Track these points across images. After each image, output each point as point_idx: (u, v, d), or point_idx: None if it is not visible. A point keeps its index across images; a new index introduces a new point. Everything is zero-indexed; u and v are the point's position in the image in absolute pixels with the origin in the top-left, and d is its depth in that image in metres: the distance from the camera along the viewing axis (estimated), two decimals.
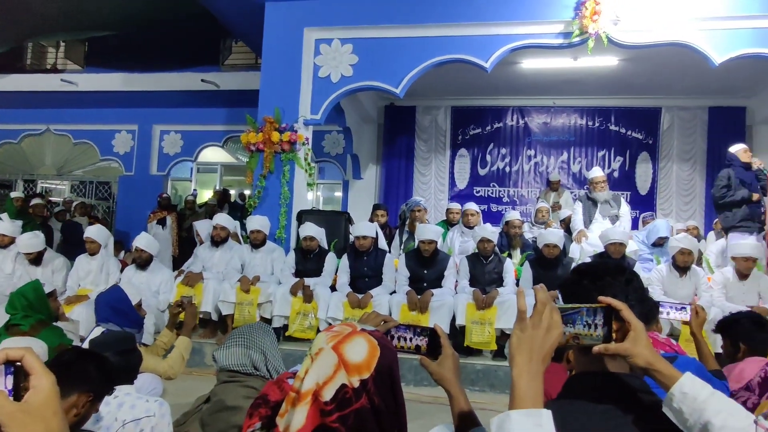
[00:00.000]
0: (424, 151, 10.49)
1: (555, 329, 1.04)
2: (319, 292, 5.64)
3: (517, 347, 1.04)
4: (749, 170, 6.24)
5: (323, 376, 1.09)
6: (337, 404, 1.07)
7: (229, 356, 2.13)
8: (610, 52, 7.06)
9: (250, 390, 2.11)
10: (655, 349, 1.16)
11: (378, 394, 1.10)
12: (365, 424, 1.09)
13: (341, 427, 1.07)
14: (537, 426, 0.94)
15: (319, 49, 6.67)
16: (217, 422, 2.09)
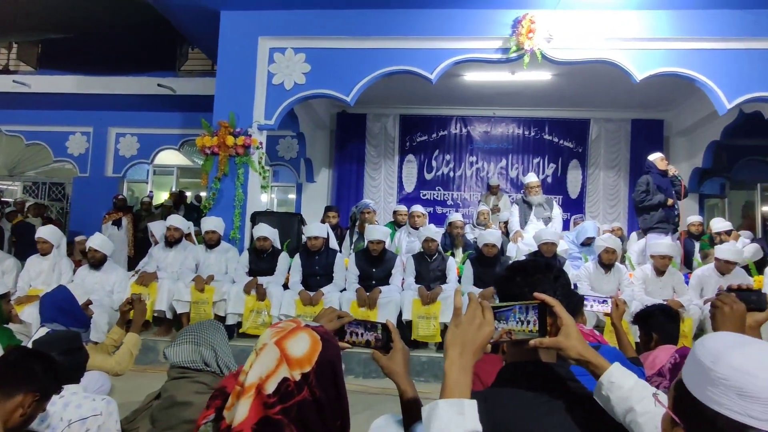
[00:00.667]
0: (374, 156, 10.49)
1: (486, 326, 1.08)
2: (272, 291, 5.54)
3: (450, 341, 1.07)
4: (665, 177, 6.50)
5: (266, 370, 1.07)
6: (279, 397, 1.06)
7: (180, 353, 2.05)
8: (544, 68, 7.22)
9: (201, 385, 2.04)
10: (585, 342, 1.19)
11: (319, 386, 1.09)
12: (307, 415, 1.07)
13: (284, 419, 1.05)
14: (459, 414, 0.97)
15: (273, 58, 6.56)
16: (167, 418, 2.01)
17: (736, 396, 0.79)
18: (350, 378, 5.28)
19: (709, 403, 0.81)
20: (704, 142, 9.13)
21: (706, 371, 0.83)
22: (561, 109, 10.04)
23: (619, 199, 10.08)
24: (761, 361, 0.80)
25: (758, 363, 0.80)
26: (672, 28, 6.07)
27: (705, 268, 5.64)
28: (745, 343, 0.85)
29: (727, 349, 0.83)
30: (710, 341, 0.87)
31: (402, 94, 9.36)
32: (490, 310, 1.12)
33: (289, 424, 1.06)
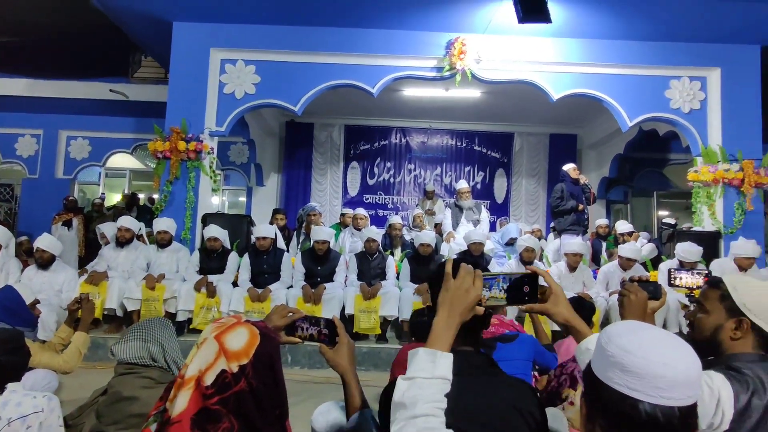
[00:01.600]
0: (321, 162, 10.40)
1: (474, 291, 1.11)
2: (222, 288, 5.38)
3: (441, 302, 1.11)
4: (577, 185, 6.78)
5: (205, 363, 1.06)
6: (217, 388, 1.04)
7: (127, 350, 1.95)
8: (474, 86, 7.37)
9: (148, 380, 1.95)
10: (571, 308, 1.25)
11: (257, 377, 1.07)
12: (245, 405, 1.06)
13: (222, 409, 1.04)
14: (431, 362, 1.03)
15: (224, 68, 6.38)
16: (112, 413, 1.91)
17: (620, 371, 0.85)
18: (296, 369, 5.21)
19: (603, 378, 0.88)
20: (610, 155, 9.52)
21: (603, 351, 0.89)
22: (489, 124, 10.29)
23: (538, 204, 10.42)
24: (640, 342, 0.86)
25: (638, 344, 0.86)
26: (583, 54, 6.34)
27: (610, 265, 5.90)
28: (635, 329, 0.91)
29: (618, 333, 0.89)
30: (610, 328, 0.93)
31: (347, 105, 9.34)
32: (480, 278, 1.14)
33: (228, 413, 1.04)
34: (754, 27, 5.90)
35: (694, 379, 0.84)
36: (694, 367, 0.85)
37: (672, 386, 0.82)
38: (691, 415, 0.84)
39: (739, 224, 6.13)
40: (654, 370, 0.82)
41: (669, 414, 0.82)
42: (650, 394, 0.82)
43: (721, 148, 6.24)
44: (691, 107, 6.38)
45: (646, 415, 0.82)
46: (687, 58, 6.34)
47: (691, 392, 0.84)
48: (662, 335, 0.89)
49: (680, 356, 0.85)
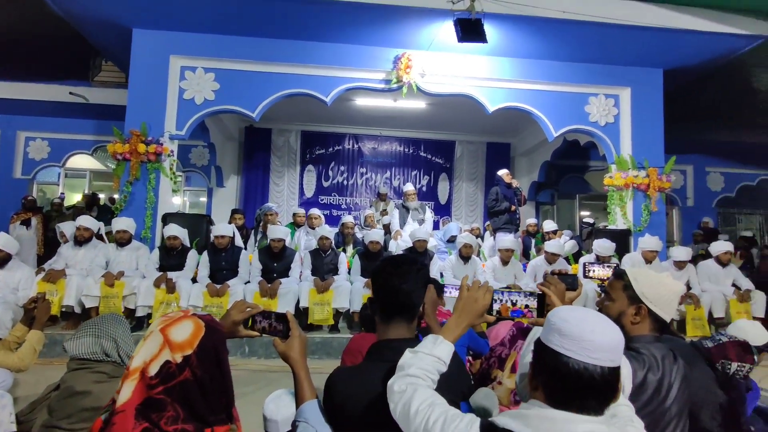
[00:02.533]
0: (279, 166, 10.21)
1: (482, 301, 1.27)
2: (181, 284, 5.18)
3: (455, 307, 1.29)
4: (510, 188, 6.97)
5: (150, 354, 1.03)
6: (161, 378, 1.01)
7: (80, 346, 1.84)
8: (419, 98, 7.42)
9: (101, 375, 1.84)
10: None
11: (201, 367, 1.05)
12: (190, 394, 1.03)
13: (167, 398, 1.01)
14: (433, 344, 1.19)
15: (184, 75, 6.15)
16: (65, 407, 1.79)
17: (558, 335, 0.97)
18: (254, 359, 5.10)
19: (545, 341, 1.00)
20: (539, 162, 9.85)
21: (548, 322, 1.02)
22: (433, 132, 10.42)
23: (477, 205, 10.64)
24: (576, 315, 0.99)
25: (574, 316, 0.99)
26: (514, 72, 6.53)
27: (537, 259, 6.10)
28: (574, 307, 1.05)
29: (561, 309, 1.03)
30: (557, 308, 1.07)
31: (303, 113, 9.22)
32: (491, 292, 1.30)
33: (173, 402, 1.01)
34: (657, 53, 6.27)
35: (615, 347, 0.96)
36: (617, 337, 0.97)
37: (597, 349, 0.93)
38: (612, 375, 0.94)
39: (646, 223, 6.50)
40: (584, 335, 0.94)
41: (593, 371, 0.93)
42: (580, 353, 0.93)
43: (631, 157, 6.59)
44: (606, 121, 6.71)
45: (575, 370, 0.93)
46: (603, 77, 6.65)
47: (613, 356, 0.95)
48: (593, 312, 1.03)
49: (605, 327, 0.97)
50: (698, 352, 2.02)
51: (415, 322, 1.53)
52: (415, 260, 1.59)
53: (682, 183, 10.19)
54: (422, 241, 5.74)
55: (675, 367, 1.49)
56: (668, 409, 1.44)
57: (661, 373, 1.45)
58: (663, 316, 1.55)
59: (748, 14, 5.66)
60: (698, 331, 5.49)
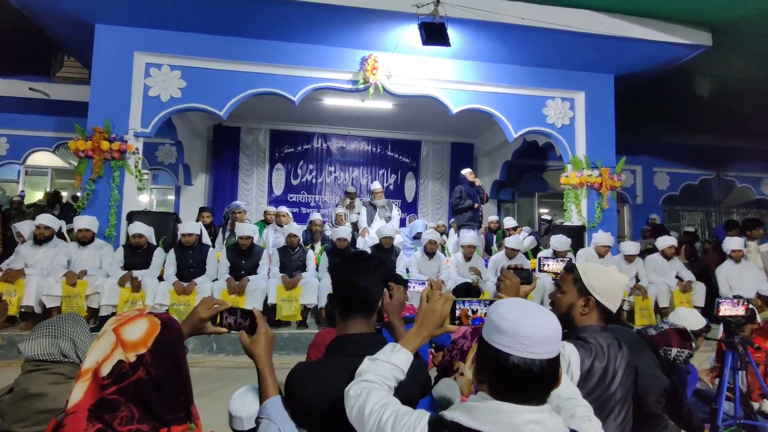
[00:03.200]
0: (247, 164, 10.01)
1: (443, 312, 1.27)
2: (147, 282, 5.02)
3: (416, 318, 1.28)
4: (473, 187, 7.07)
5: (102, 354, 0.99)
6: (114, 378, 0.97)
7: (35, 347, 1.74)
8: (386, 99, 7.43)
9: (58, 376, 1.75)
10: None
11: (156, 366, 1.01)
12: (145, 393, 0.99)
13: (120, 398, 0.97)
14: (391, 351, 1.20)
15: (149, 72, 5.93)
16: (18, 410, 1.69)
17: (497, 332, 0.97)
18: (221, 355, 5.00)
19: (486, 339, 0.99)
20: (501, 161, 9.99)
21: (488, 319, 1.01)
22: (400, 132, 10.43)
23: (442, 203, 10.72)
24: (513, 310, 0.98)
25: (511, 311, 0.98)
26: (477, 75, 6.61)
27: (498, 254, 6.23)
28: (512, 302, 1.02)
29: (499, 305, 1.01)
30: (497, 302, 1.05)
31: (272, 112, 9.06)
32: (450, 301, 1.28)
33: (127, 402, 0.97)
34: (608, 60, 6.47)
35: (552, 338, 0.96)
36: (553, 329, 0.96)
37: (535, 343, 0.93)
38: (551, 365, 0.95)
39: (599, 220, 6.71)
40: (521, 331, 0.94)
41: (532, 365, 0.93)
42: (519, 349, 0.93)
43: (585, 157, 6.79)
44: (562, 123, 6.89)
45: (515, 365, 0.93)
46: (559, 82, 6.82)
47: (550, 348, 0.95)
48: (530, 306, 1.00)
49: (541, 321, 0.96)
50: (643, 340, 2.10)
51: (374, 317, 1.53)
52: (373, 257, 1.60)
53: (632, 182, 10.57)
54: (388, 237, 5.75)
55: (620, 355, 1.54)
56: (613, 395, 1.48)
57: (607, 361, 1.49)
58: (609, 307, 1.60)
59: (690, 25, 5.92)
60: (645, 320, 5.72)
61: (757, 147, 10.54)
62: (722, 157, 10.76)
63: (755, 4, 5.32)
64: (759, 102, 8.16)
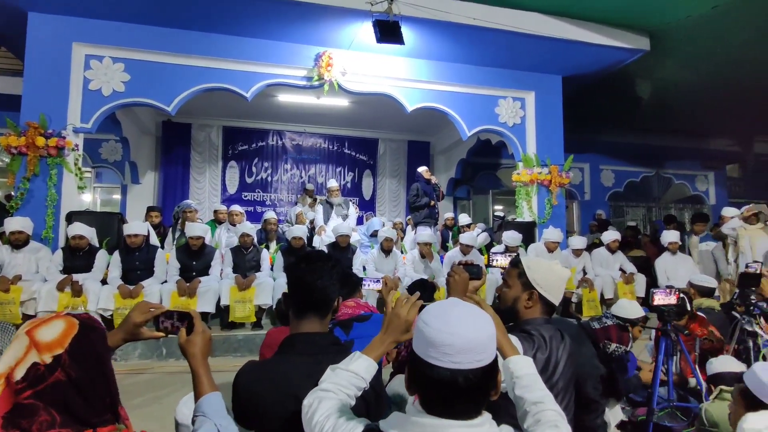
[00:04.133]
0: (199, 161, 9.68)
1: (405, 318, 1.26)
2: (89, 286, 4.77)
3: (383, 326, 1.28)
4: (429, 184, 7.17)
5: (14, 358, 0.94)
6: (29, 382, 0.92)
7: None
8: (342, 96, 7.33)
9: None
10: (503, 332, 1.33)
11: (76, 368, 0.96)
12: (65, 396, 0.95)
13: (37, 402, 0.92)
14: (351, 359, 1.20)
15: (89, 64, 5.61)
16: None
17: (422, 342, 0.91)
18: (171, 360, 4.82)
19: (414, 348, 0.94)
20: (456, 159, 10.16)
21: (416, 327, 0.95)
22: (357, 130, 10.39)
23: (399, 200, 10.79)
24: (437, 317, 0.92)
25: (435, 319, 0.92)
26: (431, 74, 6.67)
27: (454, 251, 6.33)
28: (440, 306, 0.96)
29: (426, 311, 0.95)
30: (426, 308, 0.98)
31: (225, 108, 8.81)
32: (417, 307, 1.27)
33: (46, 407, 0.93)
34: (556, 61, 6.72)
35: (478, 347, 0.88)
36: (480, 336, 0.89)
37: (458, 352, 0.87)
38: (479, 375, 0.88)
39: (549, 216, 6.96)
40: (443, 340, 0.88)
41: (458, 375, 0.87)
42: (441, 359, 0.87)
43: (535, 155, 7.02)
44: (514, 122, 7.08)
45: (440, 376, 0.87)
46: (510, 82, 7.01)
47: (478, 357, 0.88)
48: (459, 312, 0.93)
49: (467, 327, 0.89)
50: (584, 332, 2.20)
51: (329, 316, 1.53)
52: (330, 257, 1.60)
53: (580, 179, 11.03)
54: (345, 236, 5.73)
55: (562, 346, 1.60)
56: (555, 384, 1.54)
57: (549, 352, 1.55)
58: (552, 300, 1.65)
59: (630, 30, 6.23)
60: (592, 311, 5.99)
61: (692, 146, 11.28)
62: (661, 156, 11.43)
63: (686, 12, 5.67)
64: (693, 104, 8.72)
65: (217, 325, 5.36)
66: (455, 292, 1.76)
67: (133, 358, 4.83)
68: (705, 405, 2.18)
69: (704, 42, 6.37)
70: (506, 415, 1.15)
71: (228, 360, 4.88)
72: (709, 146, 11.60)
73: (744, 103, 8.53)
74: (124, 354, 4.82)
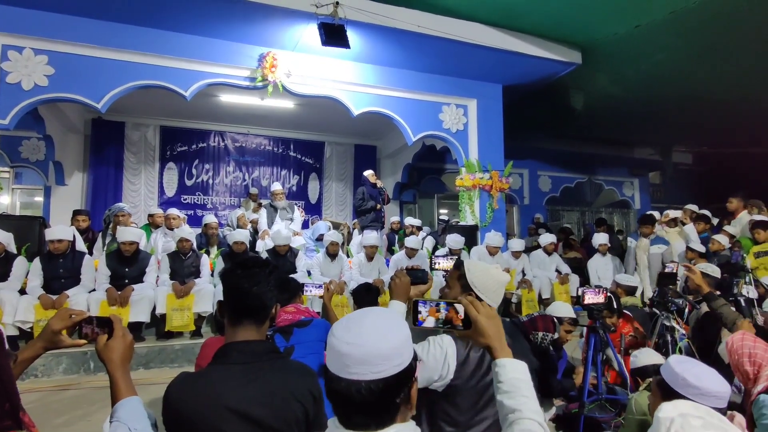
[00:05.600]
0: (134, 162, 9.16)
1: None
2: (5, 297, 4.39)
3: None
4: (375, 188, 7.21)
5: None
6: None
7: None
8: (287, 98, 7.26)
9: None
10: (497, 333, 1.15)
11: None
12: None
13: None
14: None
15: (7, 55, 5.16)
16: None
17: (330, 351, 0.87)
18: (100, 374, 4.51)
19: (326, 360, 0.89)
20: (402, 164, 10.28)
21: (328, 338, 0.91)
22: (303, 132, 10.28)
23: (346, 204, 10.76)
24: (341, 327, 0.89)
25: (339, 328, 0.89)
26: (377, 78, 6.72)
27: (399, 254, 6.40)
28: (350, 317, 0.92)
29: (340, 321, 0.92)
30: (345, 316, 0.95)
31: (162, 107, 8.40)
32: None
33: None
34: (496, 71, 6.99)
35: (377, 358, 0.83)
36: (382, 347, 0.84)
37: (355, 363, 0.83)
38: (381, 389, 0.83)
39: (490, 219, 7.20)
40: (342, 350, 0.84)
41: (353, 387, 0.83)
42: (341, 371, 0.84)
43: (477, 161, 7.25)
44: (457, 128, 7.29)
45: (338, 388, 0.84)
46: (454, 89, 7.21)
47: (377, 368, 0.83)
48: (368, 320, 0.89)
49: (369, 337, 0.85)
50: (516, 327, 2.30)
51: (266, 324, 1.50)
52: (268, 262, 1.57)
53: (519, 184, 11.52)
54: (283, 246, 5.61)
55: None
56: (491, 384, 1.59)
57: (482, 351, 1.60)
58: (490, 303, 1.70)
59: (563, 44, 6.61)
60: (531, 310, 6.25)
61: (620, 154, 12.13)
62: (593, 163, 12.19)
63: (613, 30, 6.10)
64: (621, 115, 9.39)
65: (152, 335, 5.10)
66: (397, 296, 1.80)
67: (57, 373, 4.49)
68: (634, 396, 2.33)
69: (629, 58, 6.87)
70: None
71: (164, 371, 4.65)
72: (634, 155, 12.53)
73: (664, 115, 9.29)
74: (46, 369, 4.48)
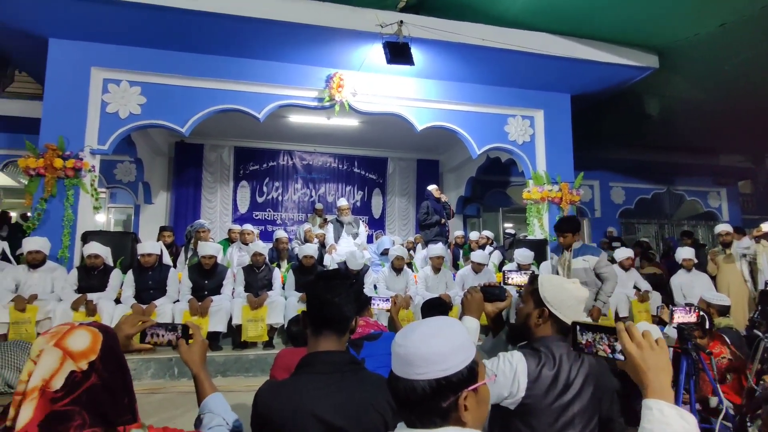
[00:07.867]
0: (211, 181, 9.82)
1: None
2: (103, 306, 4.80)
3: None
4: (439, 203, 7.19)
5: (49, 371, 0.99)
6: (67, 390, 0.99)
7: None
8: (352, 116, 7.46)
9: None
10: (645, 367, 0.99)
11: (106, 370, 1.04)
12: (98, 398, 1.02)
13: (74, 408, 0.98)
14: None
15: (107, 88, 5.76)
16: None
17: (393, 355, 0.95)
18: (184, 380, 4.79)
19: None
20: (466, 177, 10.18)
21: None
22: (366, 149, 10.49)
23: (409, 218, 10.81)
24: (403, 331, 0.97)
25: (401, 332, 0.97)
26: (440, 93, 6.76)
27: (465, 269, 6.28)
28: (417, 322, 0.99)
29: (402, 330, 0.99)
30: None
31: (236, 128, 8.96)
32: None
33: (81, 411, 0.99)
34: (564, 80, 6.77)
35: (418, 360, 0.89)
36: (422, 351, 0.89)
37: (401, 363, 0.91)
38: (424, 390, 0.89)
39: None
40: (393, 350, 0.94)
41: (404, 385, 0.90)
42: (395, 368, 0.93)
43: (545, 173, 7.02)
44: (523, 140, 7.11)
45: (392, 385, 0.93)
46: (519, 100, 7.07)
47: (419, 371, 0.89)
48: (423, 326, 0.95)
49: (418, 341, 0.91)
50: None
51: (347, 335, 1.54)
52: (348, 275, 1.63)
53: (590, 196, 10.98)
54: (356, 270, 5.56)
55: (577, 365, 1.56)
56: (568, 405, 1.51)
57: (557, 369, 1.52)
58: (563, 319, 1.63)
59: (638, 48, 6.29)
60: None
61: (703, 162, 11.20)
62: (672, 173, 11.35)
63: (695, 30, 5.71)
64: (703, 120, 8.70)
65: (229, 345, 5.36)
66: (469, 311, 1.77)
67: (145, 377, 4.83)
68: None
69: (713, 59, 6.39)
70: None
71: (240, 380, 4.87)
72: (719, 162, 11.52)
73: (753, 119, 8.49)
74: (137, 373, 4.83)
